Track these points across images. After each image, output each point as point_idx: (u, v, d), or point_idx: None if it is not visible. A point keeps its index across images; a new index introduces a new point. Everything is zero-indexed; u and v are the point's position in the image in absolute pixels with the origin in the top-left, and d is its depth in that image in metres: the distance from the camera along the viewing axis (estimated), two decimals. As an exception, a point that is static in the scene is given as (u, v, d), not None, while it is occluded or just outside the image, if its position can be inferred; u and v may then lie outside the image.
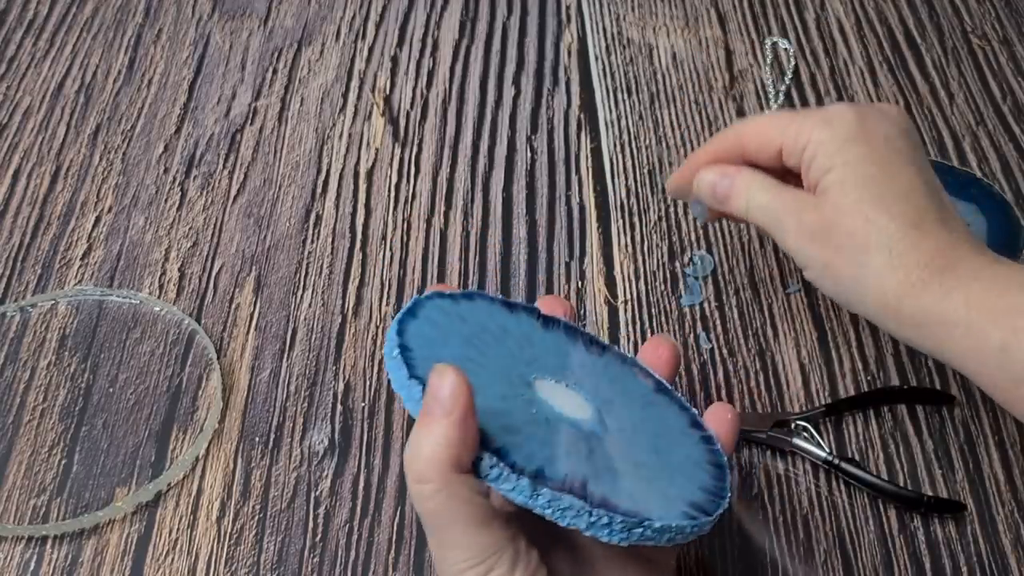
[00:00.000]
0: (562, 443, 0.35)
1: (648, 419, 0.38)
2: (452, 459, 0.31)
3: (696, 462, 0.37)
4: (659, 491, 0.35)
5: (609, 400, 0.38)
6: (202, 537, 0.42)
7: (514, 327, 0.40)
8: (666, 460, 0.37)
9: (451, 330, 0.38)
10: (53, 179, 0.56)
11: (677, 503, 0.34)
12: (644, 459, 0.36)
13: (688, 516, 0.34)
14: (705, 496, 0.35)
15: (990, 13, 0.68)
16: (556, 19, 0.67)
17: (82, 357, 0.48)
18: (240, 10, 0.67)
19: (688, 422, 0.39)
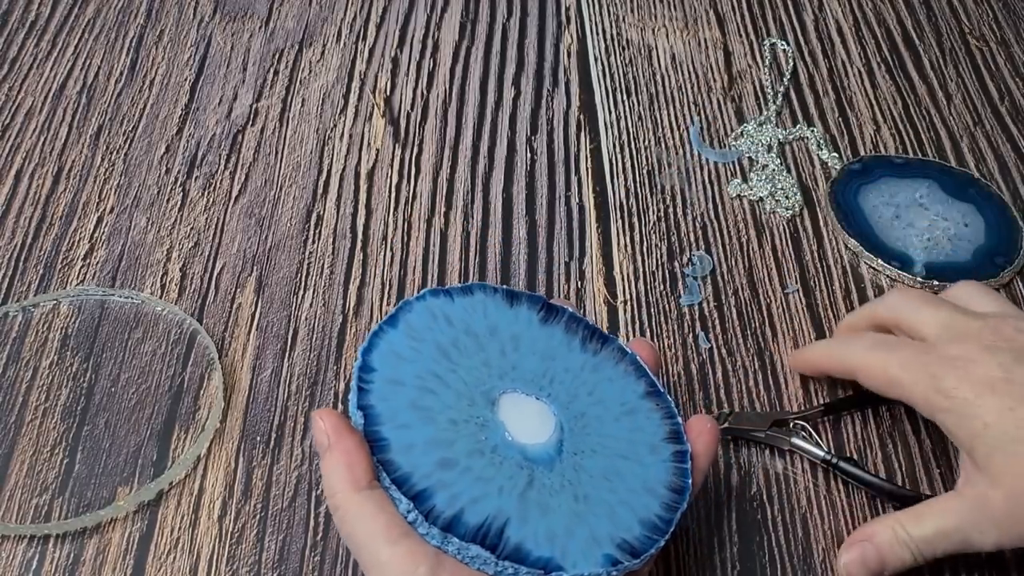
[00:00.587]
0: (499, 477, 0.36)
1: (618, 435, 0.39)
2: (348, 480, 0.35)
3: (651, 487, 0.37)
4: (588, 531, 0.35)
5: (581, 414, 0.39)
6: (204, 536, 0.42)
7: (505, 326, 0.41)
8: (616, 488, 0.37)
9: (428, 339, 0.39)
10: (55, 180, 0.56)
11: (604, 545, 0.35)
12: (589, 490, 0.37)
13: (610, 560, 0.34)
14: (642, 532, 0.36)
15: (988, 14, 0.69)
16: (556, 20, 0.67)
17: (84, 357, 0.48)
18: (241, 11, 0.67)
19: (665, 434, 0.39)
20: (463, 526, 0.34)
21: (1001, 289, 0.53)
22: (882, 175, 0.57)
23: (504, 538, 0.34)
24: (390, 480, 0.35)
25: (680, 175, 0.58)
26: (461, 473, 0.36)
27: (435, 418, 0.37)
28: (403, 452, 0.36)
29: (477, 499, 0.35)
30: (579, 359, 0.41)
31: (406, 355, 0.39)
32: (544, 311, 0.42)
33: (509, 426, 0.38)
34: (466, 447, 0.37)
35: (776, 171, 0.58)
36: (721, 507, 0.44)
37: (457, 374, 0.39)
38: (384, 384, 0.38)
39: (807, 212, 0.56)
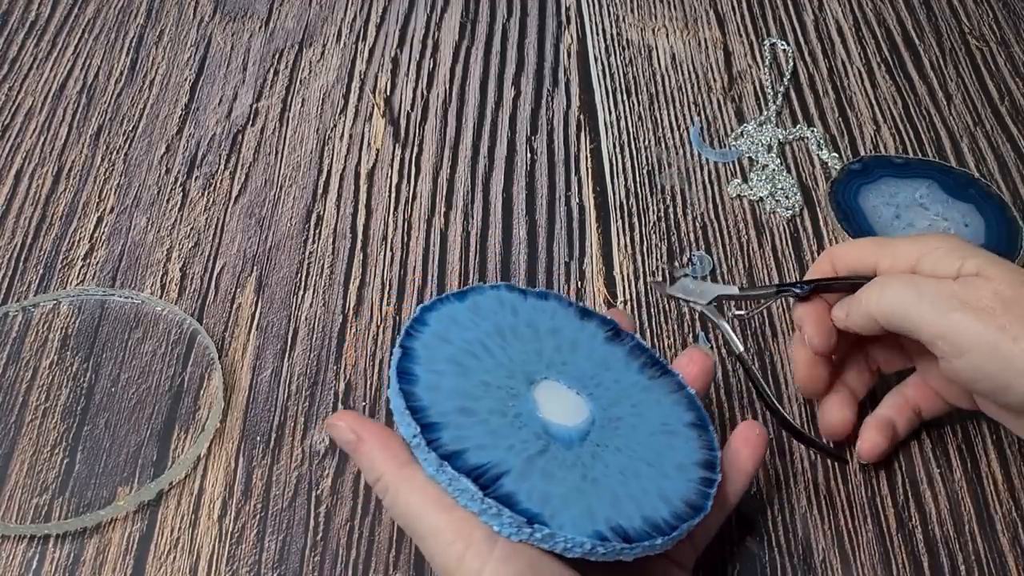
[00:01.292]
0: (513, 437, 0.36)
1: (649, 445, 0.39)
2: (390, 459, 0.35)
3: (667, 496, 0.37)
4: (586, 506, 0.35)
5: (618, 418, 0.39)
6: (204, 536, 0.42)
7: (569, 332, 0.41)
8: (629, 484, 0.37)
9: (490, 318, 0.40)
10: (55, 180, 0.56)
11: (598, 522, 0.35)
12: (600, 477, 0.37)
13: (598, 535, 0.34)
14: (642, 526, 0.35)
15: (988, 15, 0.69)
16: (556, 20, 0.67)
17: (84, 357, 0.48)
18: (241, 11, 0.67)
19: (699, 459, 0.39)
20: (461, 462, 0.34)
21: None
22: (882, 175, 0.57)
23: (498, 484, 0.34)
24: (406, 407, 0.35)
25: (680, 175, 0.58)
26: (477, 423, 0.36)
27: (469, 375, 0.38)
28: (428, 390, 0.36)
29: (484, 447, 0.35)
30: (633, 377, 0.41)
31: (463, 323, 0.40)
32: (612, 332, 0.42)
33: (540, 404, 0.38)
34: (490, 405, 0.37)
35: (776, 171, 0.58)
36: (721, 507, 0.44)
37: (506, 352, 0.39)
38: (432, 337, 0.38)
39: (807, 212, 0.56)
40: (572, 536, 0.34)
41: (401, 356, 0.37)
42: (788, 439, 0.46)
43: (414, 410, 0.35)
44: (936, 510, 0.44)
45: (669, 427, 0.39)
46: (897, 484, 0.45)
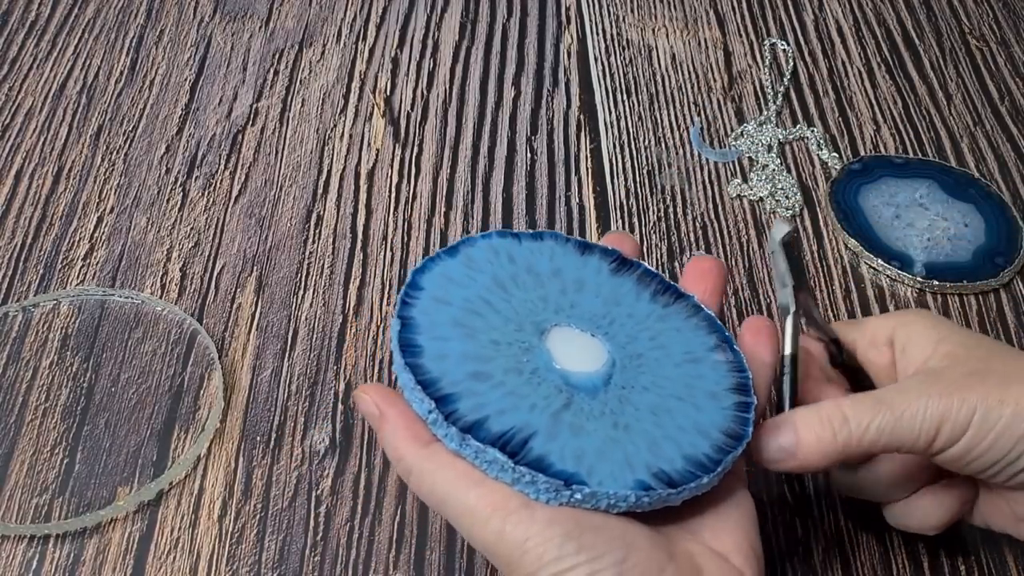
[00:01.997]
0: (534, 395, 0.34)
1: (677, 378, 0.37)
2: (412, 439, 0.33)
3: (704, 429, 0.35)
4: (623, 455, 0.33)
5: (638, 355, 0.37)
6: (204, 536, 0.42)
7: (572, 270, 0.39)
8: (663, 423, 0.35)
9: (487, 271, 0.38)
10: (55, 180, 0.56)
11: (638, 470, 0.33)
12: (632, 421, 0.35)
13: (641, 485, 0.32)
14: (684, 467, 0.33)
15: (988, 14, 0.69)
16: (556, 20, 0.67)
17: (84, 357, 0.48)
18: (241, 11, 0.67)
19: (731, 384, 0.37)
20: (484, 431, 0.33)
21: (1001, 289, 0.53)
22: (882, 175, 0.57)
23: (527, 448, 0.33)
24: (415, 382, 0.34)
25: (680, 175, 0.58)
26: (493, 387, 0.34)
27: (476, 336, 0.36)
28: (435, 359, 0.35)
29: (504, 411, 0.34)
30: (646, 308, 0.39)
31: (459, 280, 0.38)
32: (617, 263, 0.40)
33: (555, 354, 0.36)
34: (504, 365, 0.35)
35: (776, 171, 0.58)
36: (721, 507, 0.44)
37: (510, 304, 0.37)
38: (430, 301, 0.37)
39: (807, 212, 0.56)
40: (615, 491, 0.32)
41: (400, 328, 0.35)
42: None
43: (425, 384, 0.34)
44: (936, 510, 0.44)
45: (694, 355, 0.37)
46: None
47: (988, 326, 0.51)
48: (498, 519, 0.32)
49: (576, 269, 0.39)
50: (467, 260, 0.38)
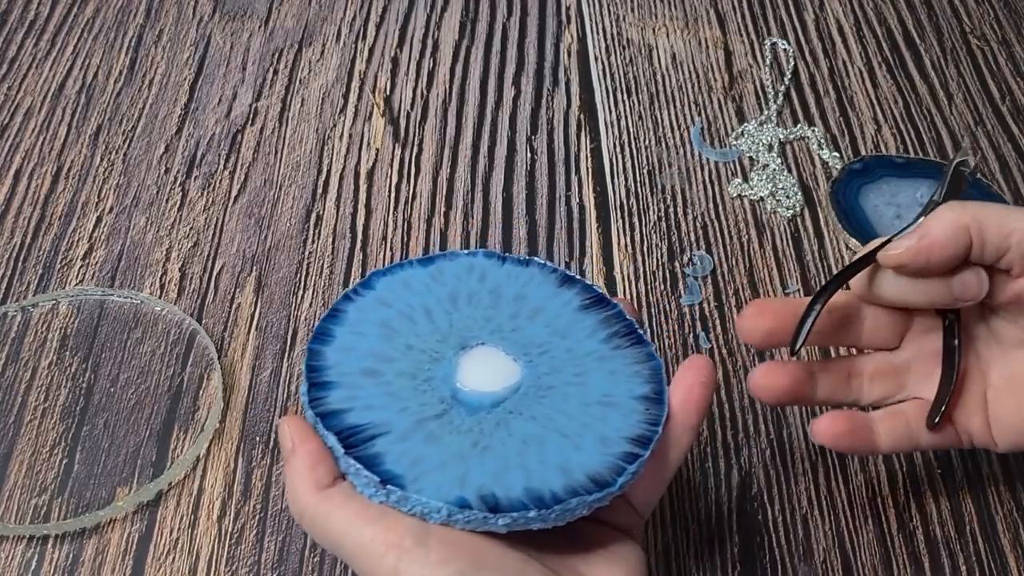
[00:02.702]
0: (410, 400, 0.36)
1: (574, 417, 0.37)
2: (311, 481, 0.34)
3: (568, 469, 0.35)
4: (462, 472, 0.34)
5: (550, 387, 0.37)
6: (203, 536, 0.42)
7: (536, 300, 0.40)
8: (526, 454, 0.35)
9: (449, 284, 0.40)
10: (54, 179, 0.56)
11: (468, 488, 0.34)
12: (495, 444, 0.35)
13: (460, 502, 0.33)
14: (519, 497, 0.34)
15: (989, 14, 0.68)
16: (556, 20, 0.67)
17: (83, 357, 0.48)
18: (241, 11, 0.67)
19: (630, 435, 0.36)
20: (336, 421, 0.35)
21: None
22: (883, 175, 0.57)
23: (369, 444, 0.34)
24: (306, 364, 0.36)
25: (680, 175, 0.58)
26: (378, 384, 0.36)
27: (394, 338, 0.38)
28: (339, 350, 0.37)
29: (373, 407, 0.36)
30: (592, 346, 0.39)
31: (415, 288, 0.39)
32: (592, 300, 0.40)
33: (461, 369, 0.37)
34: (402, 368, 0.37)
35: (777, 171, 0.57)
36: (721, 507, 0.44)
37: (449, 317, 0.39)
38: (372, 300, 0.39)
39: (808, 212, 0.56)
40: (427, 500, 0.33)
41: (326, 316, 0.38)
42: (788, 439, 0.46)
43: (311, 368, 0.36)
44: (937, 511, 0.44)
45: (611, 399, 0.37)
46: (898, 484, 0.45)
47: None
48: (392, 557, 0.32)
49: (544, 299, 0.40)
50: (437, 272, 0.40)
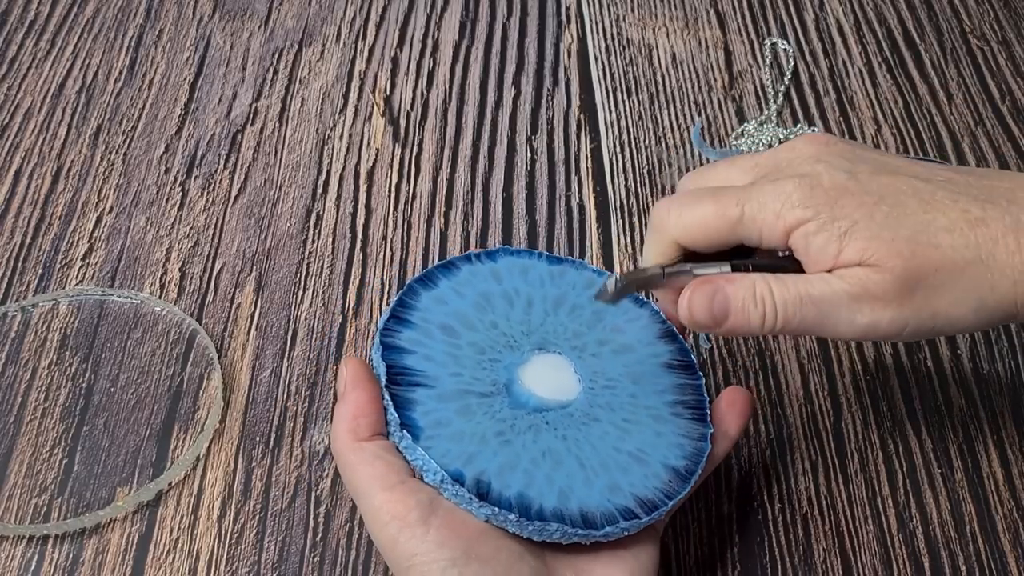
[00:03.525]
0: (472, 370, 0.38)
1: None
2: (350, 431, 0.36)
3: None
4: (470, 452, 0.36)
5: (594, 419, 0.39)
6: (203, 536, 0.42)
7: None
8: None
9: (558, 288, 0.42)
10: (54, 179, 0.56)
11: (469, 467, 0.35)
12: (515, 440, 0.37)
13: (456, 476, 0.34)
14: (551, 506, 0.35)
15: (989, 14, 0.68)
16: (556, 20, 0.67)
17: (83, 357, 0.48)
18: (241, 11, 0.67)
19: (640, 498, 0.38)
20: (397, 357, 0.38)
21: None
22: (883, 175, 0.57)
23: (410, 388, 0.37)
24: (399, 296, 0.40)
25: (680, 175, 0.57)
26: (447, 343, 0.39)
27: (486, 311, 0.40)
28: (434, 299, 0.40)
29: (431, 359, 0.38)
30: (655, 404, 0.40)
31: (530, 278, 0.42)
32: (680, 363, 0.41)
33: (530, 366, 0.39)
34: (477, 340, 0.39)
35: (777, 171, 0.57)
36: (721, 507, 0.44)
37: (546, 317, 0.41)
38: (487, 270, 0.42)
39: (808, 212, 0.56)
40: (428, 460, 0.35)
41: (442, 264, 0.41)
42: (788, 439, 0.46)
43: (401, 301, 0.39)
44: (937, 511, 0.44)
45: (643, 456, 0.38)
46: (898, 484, 0.45)
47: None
48: (394, 527, 0.33)
49: (638, 341, 0.42)
50: (559, 273, 0.43)
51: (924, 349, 0.50)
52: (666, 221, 0.36)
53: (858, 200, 0.33)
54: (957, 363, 0.49)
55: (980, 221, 0.33)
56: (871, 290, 0.33)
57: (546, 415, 0.38)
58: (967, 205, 0.33)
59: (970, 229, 0.33)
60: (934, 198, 0.34)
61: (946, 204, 0.33)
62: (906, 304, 0.33)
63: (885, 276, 0.33)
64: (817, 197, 0.33)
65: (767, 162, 0.37)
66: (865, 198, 0.33)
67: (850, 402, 0.47)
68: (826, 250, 0.33)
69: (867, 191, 0.34)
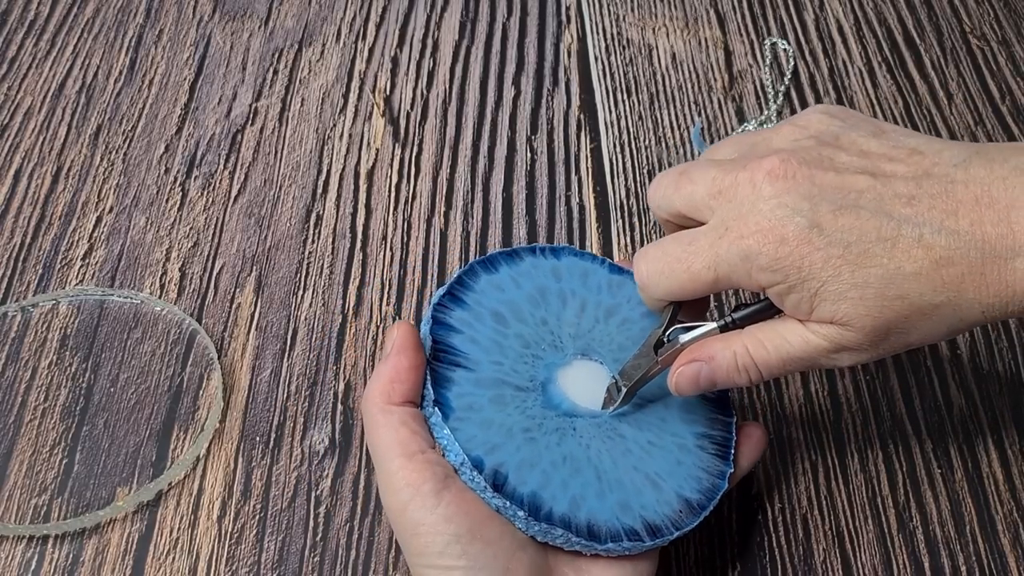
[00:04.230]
0: (510, 359, 0.38)
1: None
2: (382, 392, 0.36)
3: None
4: (493, 441, 0.36)
5: (621, 436, 0.39)
6: (203, 536, 0.42)
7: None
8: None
9: (617, 298, 0.42)
10: (54, 179, 0.56)
11: (488, 454, 0.35)
12: (540, 438, 0.37)
13: (476, 462, 0.35)
14: (584, 518, 0.35)
15: (989, 14, 0.68)
16: (556, 20, 0.67)
17: (83, 357, 0.48)
18: (241, 11, 0.67)
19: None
20: (444, 334, 0.38)
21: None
22: (883, 175, 0.57)
23: (450, 367, 0.37)
24: (459, 273, 0.40)
25: (680, 175, 0.57)
26: (495, 330, 0.39)
27: (539, 307, 0.40)
28: (492, 285, 0.40)
29: (476, 342, 0.38)
30: (683, 433, 0.40)
31: (589, 283, 0.42)
32: (714, 399, 0.42)
33: (569, 370, 0.39)
34: (525, 333, 0.40)
35: (777, 171, 0.57)
36: (721, 507, 0.44)
37: (596, 324, 0.41)
38: (548, 267, 0.42)
39: (808, 212, 0.56)
40: (452, 442, 0.35)
41: (507, 251, 0.41)
42: (788, 439, 0.46)
43: (460, 280, 0.39)
44: (937, 510, 0.44)
45: (659, 481, 0.38)
46: (898, 484, 0.45)
47: (990, 326, 0.51)
48: (407, 494, 0.34)
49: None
50: (618, 284, 0.43)
51: (924, 349, 0.50)
52: (649, 286, 0.38)
53: (824, 255, 0.34)
54: (957, 363, 0.49)
55: (946, 261, 0.33)
56: (846, 344, 0.35)
57: (574, 421, 0.38)
58: (932, 239, 0.33)
59: (936, 271, 0.33)
60: (899, 235, 0.33)
61: (910, 242, 0.33)
62: (880, 346, 0.35)
63: (857, 333, 0.34)
64: (783, 258, 0.34)
65: (725, 208, 0.36)
66: (831, 251, 0.34)
67: (850, 402, 0.47)
68: (799, 308, 0.35)
69: (832, 241, 0.34)
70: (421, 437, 0.35)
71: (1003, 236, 0.32)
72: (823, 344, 0.35)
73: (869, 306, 0.33)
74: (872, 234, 0.33)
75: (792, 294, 0.34)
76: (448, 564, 0.33)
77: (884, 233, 0.33)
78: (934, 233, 0.33)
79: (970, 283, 0.33)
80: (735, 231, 0.35)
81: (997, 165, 0.33)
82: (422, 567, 0.34)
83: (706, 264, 0.36)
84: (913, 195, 0.34)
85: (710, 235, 0.36)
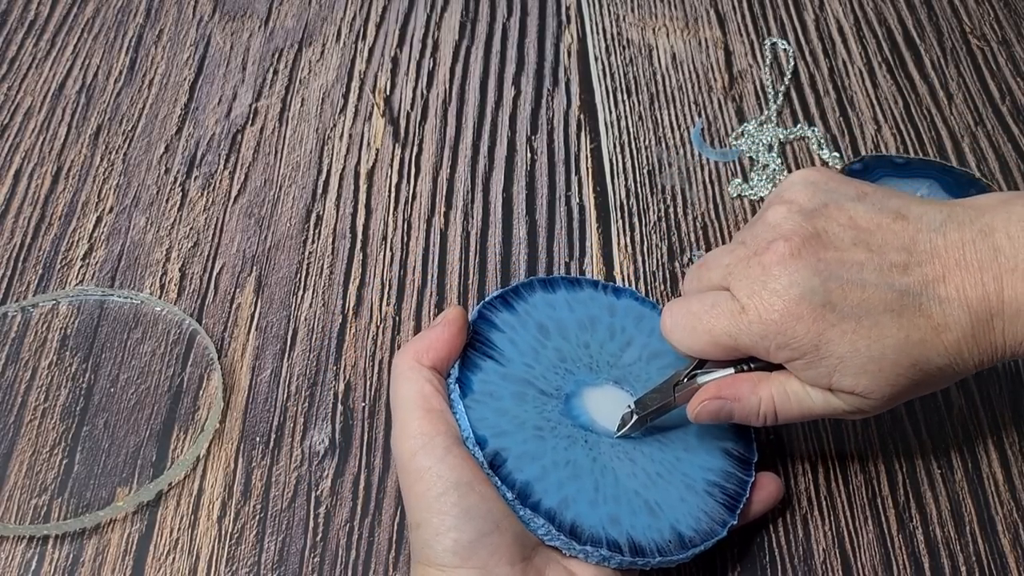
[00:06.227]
0: (548, 368, 0.40)
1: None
2: (415, 352, 0.38)
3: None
4: (525, 449, 0.37)
5: (666, 429, 0.40)
6: (203, 537, 0.42)
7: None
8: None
9: (643, 325, 0.43)
10: (54, 179, 0.56)
11: (497, 443, 0.37)
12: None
13: (484, 445, 0.36)
14: (594, 526, 0.36)
15: (989, 14, 0.68)
16: (556, 20, 0.67)
17: (83, 357, 0.48)
18: (241, 11, 0.67)
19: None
20: (486, 329, 0.40)
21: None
22: (883, 175, 0.57)
23: (482, 358, 0.39)
24: (520, 283, 0.42)
25: (681, 175, 0.58)
26: (536, 339, 0.40)
27: (586, 332, 0.42)
28: (547, 303, 0.42)
29: (515, 344, 0.40)
30: (695, 476, 0.40)
31: (642, 324, 0.43)
32: (738, 455, 0.42)
33: (597, 392, 0.40)
34: (565, 349, 0.41)
35: (777, 171, 0.57)
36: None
37: (638, 363, 0.42)
38: (606, 301, 0.43)
39: (808, 212, 0.56)
40: (467, 421, 0.36)
41: (570, 278, 0.43)
42: (788, 439, 0.46)
43: (517, 290, 0.41)
44: (937, 511, 0.44)
45: (658, 509, 0.39)
46: (898, 485, 0.45)
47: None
48: (418, 441, 0.36)
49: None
50: (635, 300, 0.44)
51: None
52: (672, 341, 0.40)
53: (839, 330, 0.36)
54: (957, 363, 0.49)
55: (943, 327, 0.36)
56: (865, 409, 0.38)
57: (588, 435, 0.39)
58: (928, 307, 0.36)
59: (937, 337, 0.36)
60: (902, 304, 0.36)
61: (912, 311, 0.36)
62: (892, 404, 0.38)
63: (875, 401, 0.37)
64: (800, 336, 0.36)
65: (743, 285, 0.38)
66: (845, 326, 0.36)
67: (850, 402, 0.47)
68: (818, 380, 0.37)
69: (844, 316, 0.36)
70: (442, 396, 0.37)
71: (980, 299, 0.35)
72: (843, 407, 0.38)
73: (887, 376, 0.36)
74: (879, 306, 0.36)
75: (810, 369, 0.37)
76: (444, 509, 0.34)
77: (889, 304, 0.36)
78: (929, 301, 0.36)
79: (965, 345, 0.36)
80: (752, 311, 0.37)
81: (966, 228, 0.36)
82: (421, 511, 0.35)
83: (726, 332, 0.38)
84: (906, 264, 0.36)
85: (732, 306, 0.38)
